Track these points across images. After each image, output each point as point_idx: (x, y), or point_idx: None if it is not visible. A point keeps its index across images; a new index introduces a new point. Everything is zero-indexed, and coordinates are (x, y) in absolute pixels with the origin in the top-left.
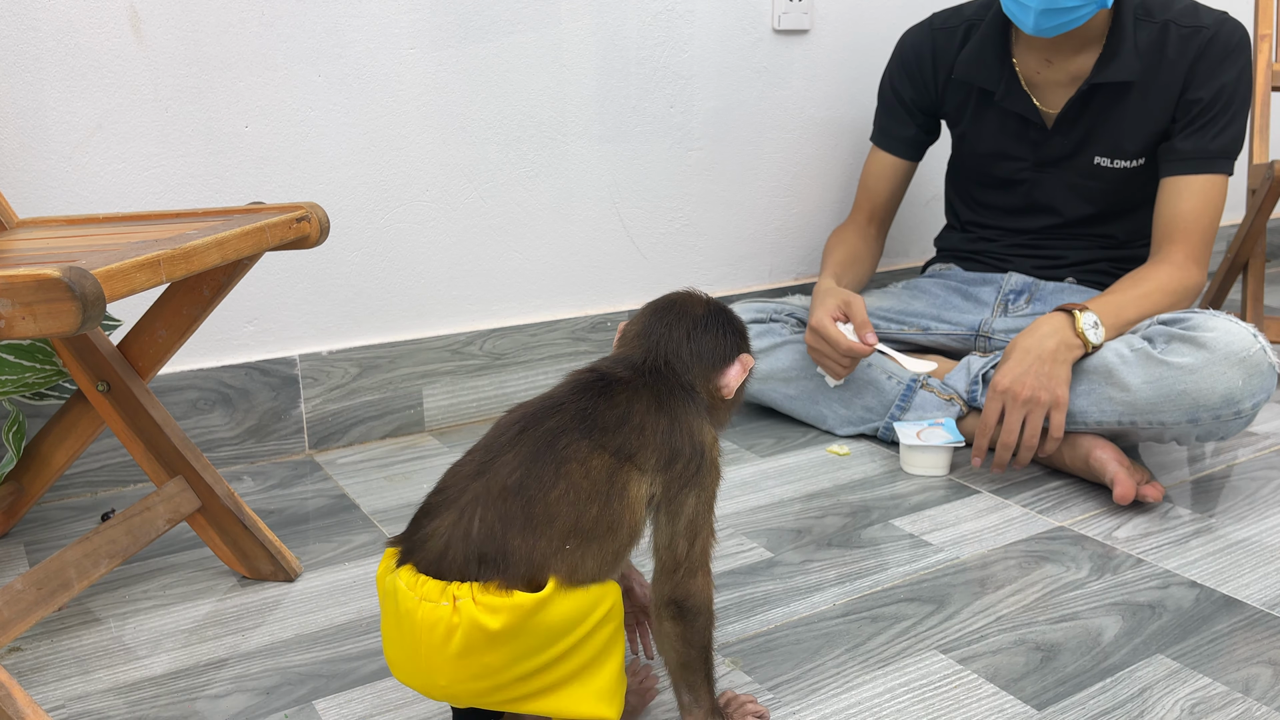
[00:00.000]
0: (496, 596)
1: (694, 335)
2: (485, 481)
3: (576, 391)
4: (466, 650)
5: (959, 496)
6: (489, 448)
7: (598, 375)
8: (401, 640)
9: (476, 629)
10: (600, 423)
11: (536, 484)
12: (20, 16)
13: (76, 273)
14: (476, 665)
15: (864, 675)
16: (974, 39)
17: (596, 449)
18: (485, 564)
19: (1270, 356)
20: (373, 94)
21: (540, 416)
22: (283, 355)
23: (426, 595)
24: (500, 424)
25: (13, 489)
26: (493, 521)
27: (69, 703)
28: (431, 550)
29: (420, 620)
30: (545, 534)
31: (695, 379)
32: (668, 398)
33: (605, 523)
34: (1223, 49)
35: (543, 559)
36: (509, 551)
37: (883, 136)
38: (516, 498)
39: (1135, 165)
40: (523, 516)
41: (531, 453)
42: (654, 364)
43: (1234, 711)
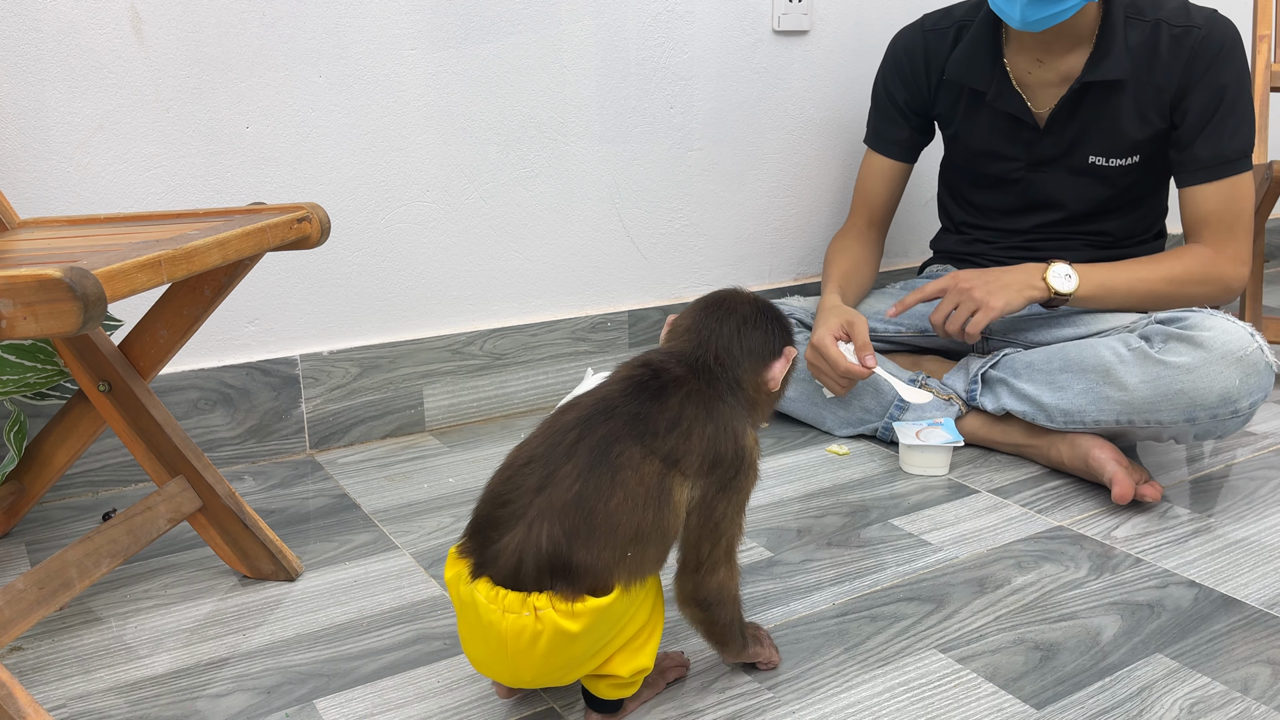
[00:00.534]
0: (572, 604)
1: (743, 331)
2: (548, 495)
3: (629, 393)
4: (551, 651)
5: (958, 496)
6: (548, 458)
7: (651, 372)
8: (485, 644)
9: (559, 633)
10: (651, 427)
11: (595, 494)
12: (21, 17)
13: (78, 273)
14: (559, 660)
15: (863, 674)
16: (965, 40)
17: (648, 455)
18: (556, 575)
19: (1267, 355)
20: (373, 94)
21: (594, 422)
22: (284, 355)
23: (509, 608)
24: (555, 428)
25: (14, 488)
26: (559, 536)
27: (70, 702)
28: (505, 565)
29: (506, 630)
30: (609, 544)
31: (744, 374)
32: (715, 399)
33: (659, 529)
34: (1217, 48)
35: (606, 568)
36: (575, 564)
37: (877, 139)
38: (578, 510)
39: (1130, 163)
40: (586, 528)
41: (588, 463)
42: (705, 360)
43: (1233, 711)
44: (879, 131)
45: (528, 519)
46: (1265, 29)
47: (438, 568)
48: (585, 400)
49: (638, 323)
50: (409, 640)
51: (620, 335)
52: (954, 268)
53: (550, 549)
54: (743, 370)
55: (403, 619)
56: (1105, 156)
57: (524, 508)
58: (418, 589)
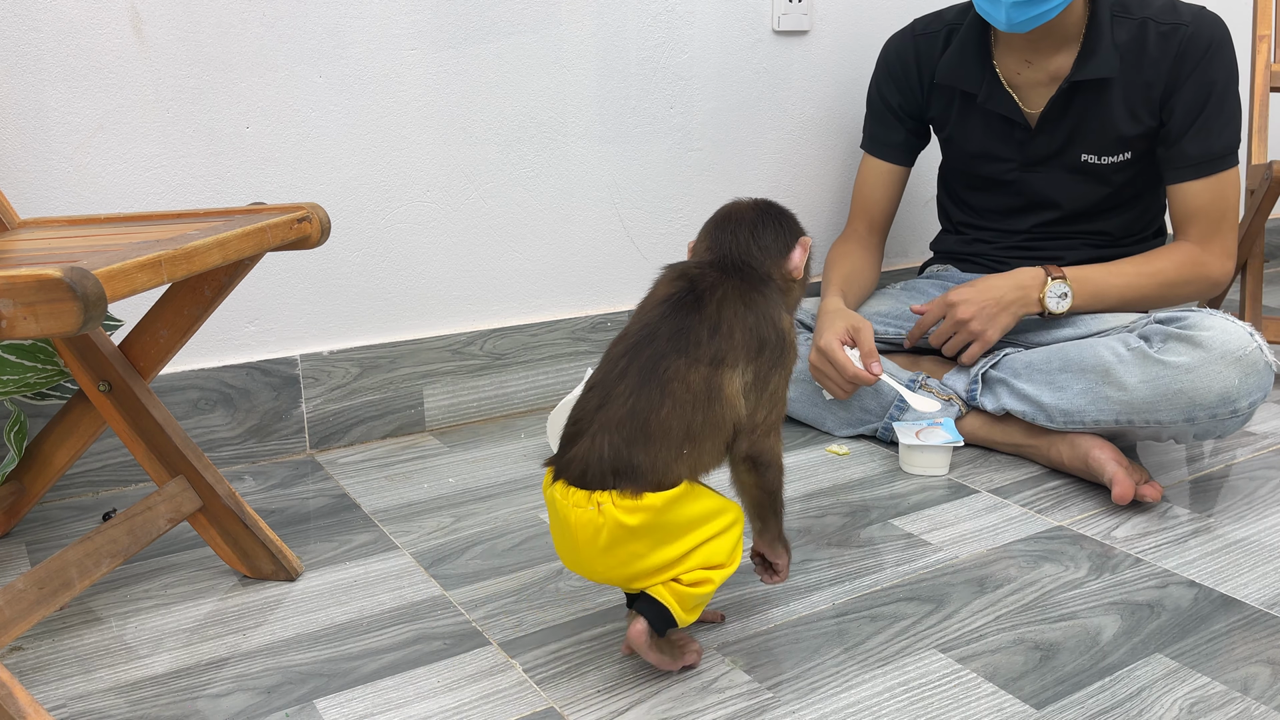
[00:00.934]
0: (631, 500)
1: (756, 234)
2: (606, 412)
3: (668, 314)
4: (612, 544)
5: (958, 496)
6: (604, 382)
7: (688, 285)
8: (564, 539)
9: (618, 526)
10: (693, 339)
11: (647, 406)
12: (21, 17)
13: (78, 273)
14: (622, 554)
15: (863, 674)
16: (954, 42)
17: (693, 364)
18: (619, 476)
19: (1267, 355)
20: (374, 95)
21: (640, 348)
22: (284, 355)
23: (577, 503)
24: (610, 357)
25: (14, 488)
26: (618, 443)
27: (70, 702)
28: (575, 470)
29: (574, 522)
30: (663, 445)
31: (770, 269)
32: (750, 293)
33: (711, 423)
34: (1204, 45)
35: (665, 465)
36: (635, 465)
37: (874, 144)
38: (632, 421)
39: (1122, 160)
40: (642, 435)
41: (638, 381)
42: (733, 264)
43: (1232, 710)
44: (875, 136)
45: (590, 432)
46: (1265, 29)
47: (438, 567)
48: (632, 328)
49: None
50: (409, 640)
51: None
52: (955, 269)
53: (611, 455)
54: (766, 267)
55: (403, 619)
56: (1097, 154)
57: (588, 424)
58: (418, 589)
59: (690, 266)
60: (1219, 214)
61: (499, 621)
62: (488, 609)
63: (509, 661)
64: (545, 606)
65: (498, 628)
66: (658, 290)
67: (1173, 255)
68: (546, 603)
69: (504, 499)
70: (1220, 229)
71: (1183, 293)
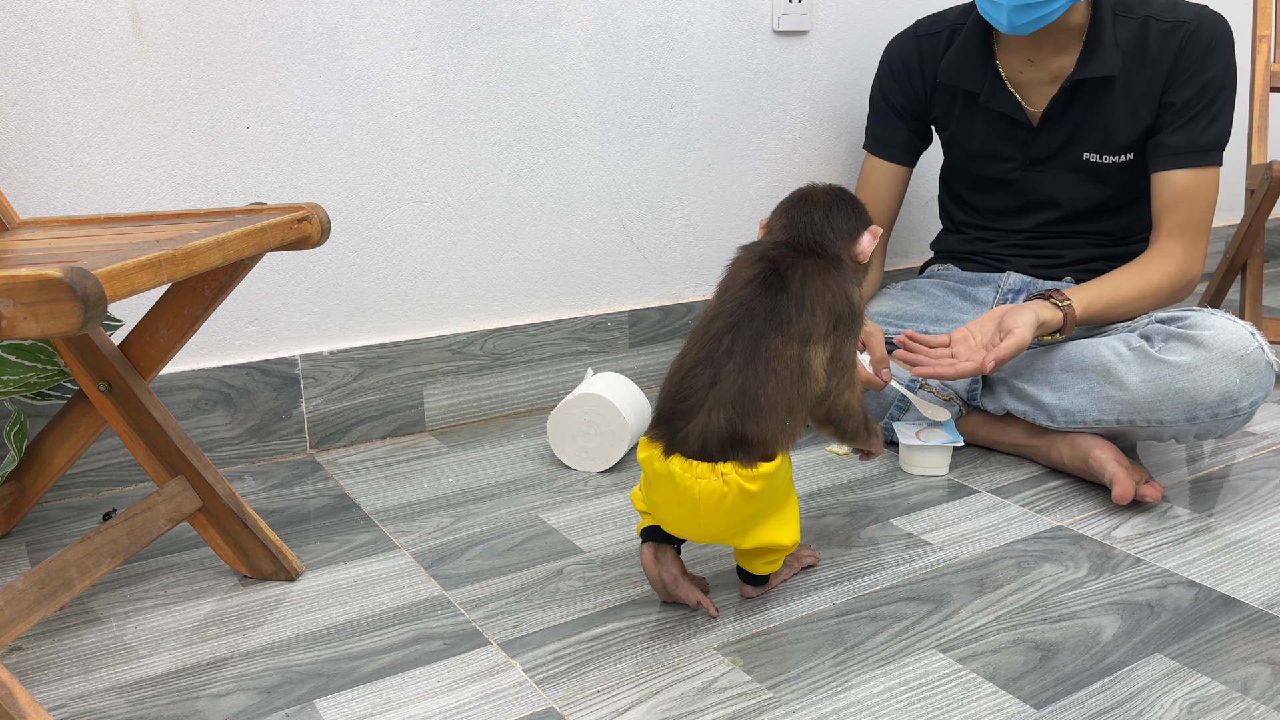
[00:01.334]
0: (750, 469)
1: (830, 216)
2: (719, 388)
3: (759, 293)
4: (734, 508)
5: (958, 496)
6: (712, 360)
7: (770, 266)
8: (680, 507)
9: (742, 492)
10: (785, 316)
11: (756, 382)
12: (21, 17)
13: (78, 273)
14: (739, 516)
15: (863, 674)
16: (957, 42)
17: (788, 341)
18: (735, 447)
19: (1268, 355)
20: (374, 95)
21: (741, 326)
22: (284, 355)
23: (701, 475)
24: (709, 335)
25: (14, 489)
26: (733, 418)
27: (70, 702)
28: (693, 445)
29: (699, 492)
30: (771, 418)
31: (841, 250)
32: (826, 271)
33: (804, 398)
34: (1205, 43)
35: (772, 437)
36: (748, 437)
37: (876, 144)
38: (744, 397)
39: (1124, 160)
40: (753, 410)
41: (745, 359)
42: (808, 244)
43: (1232, 710)
44: (878, 136)
45: (706, 408)
46: (1265, 29)
47: (438, 567)
48: (725, 308)
49: (638, 323)
50: (409, 640)
51: (620, 335)
52: (956, 269)
53: (728, 428)
54: (838, 248)
55: (403, 619)
56: (1099, 153)
57: (701, 400)
58: (418, 589)
59: (768, 248)
60: (1197, 212)
61: (499, 621)
62: (488, 609)
63: (509, 661)
64: (545, 606)
65: (498, 628)
66: (740, 271)
67: (1163, 268)
68: (546, 603)
69: (504, 499)
70: (1198, 228)
71: (1169, 301)
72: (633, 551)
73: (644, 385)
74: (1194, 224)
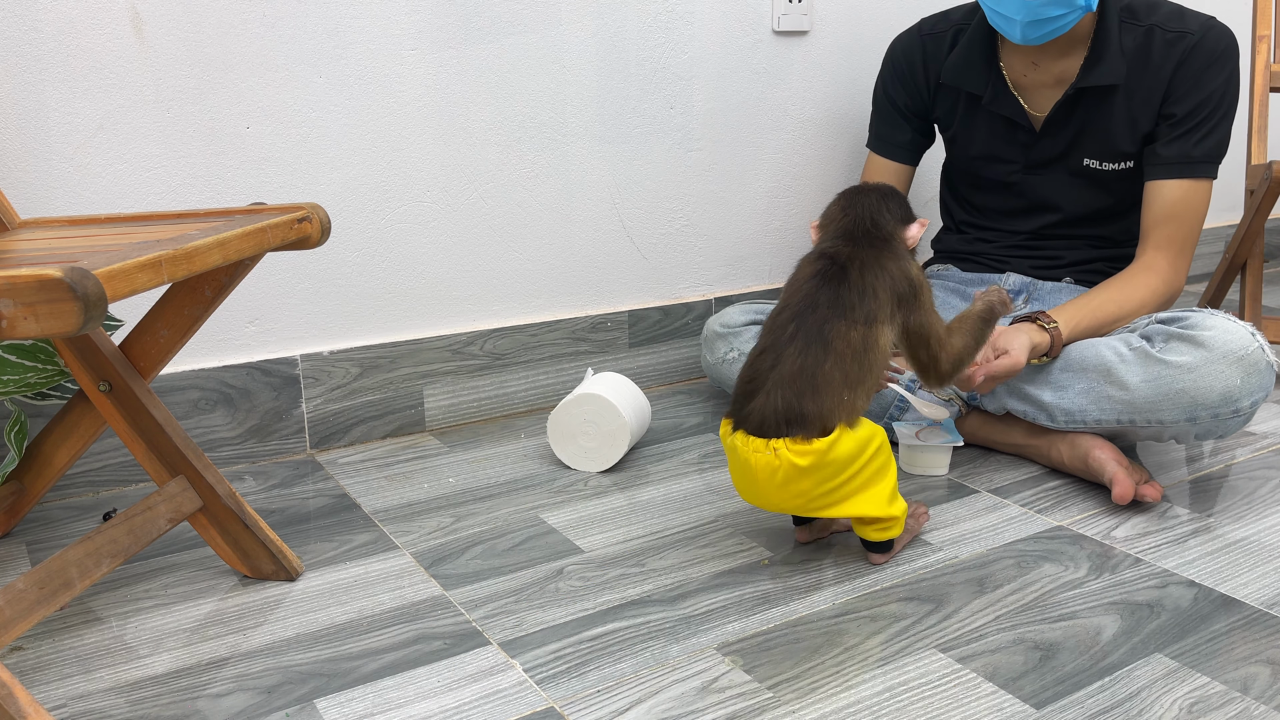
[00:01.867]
0: (802, 444)
1: (884, 204)
2: (779, 370)
3: (821, 286)
4: (786, 481)
5: (958, 496)
6: (775, 345)
7: (829, 261)
8: (744, 478)
9: (792, 467)
10: (848, 302)
11: (814, 363)
12: (22, 17)
13: (78, 273)
14: (794, 490)
15: (863, 674)
16: (961, 44)
17: (852, 325)
18: (791, 424)
19: (1268, 355)
20: (374, 95)
21: (805, 315)
22: (284, 355)
23: (756, 449)
24: (776, 325)
25: (15, 488)
26: (790, 396)
27: (70, 701)
28: (753, 421)
29: (755, 465)
30: (827, 394)
31: (894, 231)
32: (881, 256)
33: (863, 370)
34: (1207, 55)
35: (829, 412)
36: (805, 413)
37: (879, 143)
38: (801, 376)
39: (1124, 168)
40: (810, 388)
41: (805, 343)
42: (864, 226)
43: (1232, 710)
44: (881, 135)
45: (766, 388)
46: (1265, 29)
47: (438, 567)
48: (791, 300)
49: (638, 323)
50: (409, 640)
51: (620, 335)
52: (955, 269)
53: (784, 406)
54: (892, 229)
55: (403, 619)
56: (1100, 160)
57: (764, 381)
58: (418, 589)
59: (825, 247)
60: (1186, 225)
61: (499, 621)
62: (488, 609)
63: (509, 661)
64: (545, 606)
65: (498, 628)
66: (803, 269)
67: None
68: (546, 603)
69: (504, 499)
70: (1184, 244)
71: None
72: (633, 551)
73: (644, 385)
74: (1181, 239)
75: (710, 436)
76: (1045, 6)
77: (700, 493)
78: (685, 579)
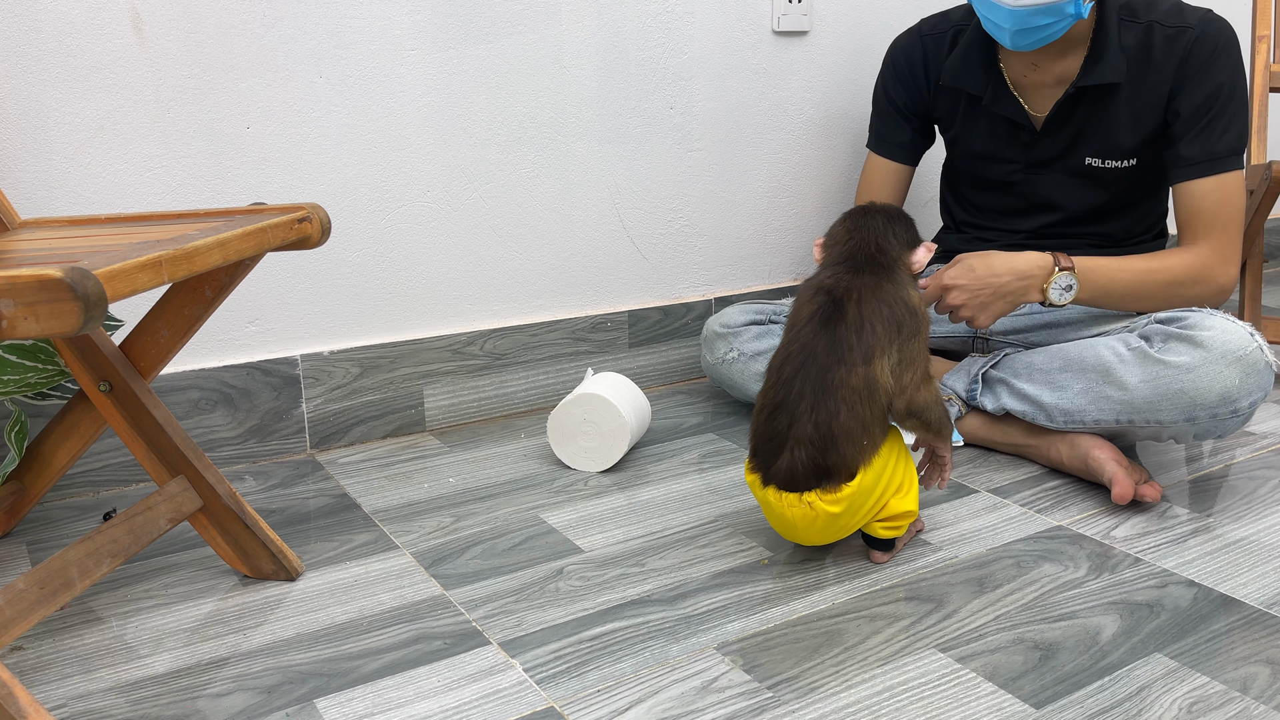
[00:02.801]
0: (832, 494)
1: (890, 227)
2: (797, 429)
3: (820, 329)
4: (825, 527)
5: (957, 496)
6: (786, 404)
7: (827, 296)
8: (782, 526)
9: (828, 515)
10: (846, 345)
11: (827, 418)
12: (22, 18)
13: (78, 273)
14: (834, 528)
15: (863, 674)
16: (960, 44)
17: (851, 369)
18: (819, 477)
19: (1267, 355)
20: (374, 95)
21: (806, 364)
22: (284, 355)
23: (791, 504)
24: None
25: (15, 488)
26: (813, 453)
27: (71, 701)
28: (782, 477)
29: (793, 518)
30: (846, 445)
31: (898, 256)
32: (881, 284)
33: (874, 410)
34: (1210, 48)
35: (853, 460)
36: (830, 466)
37: (880, 143)
38: (818, 433)
39: (1127, 165)
40: (829, 442)
41: (814, 399)
42: (867, 252)
43: (1232, 710)
44: (881, 135)
45: (789, 446)
46: (1264, 29)
47: (438, 567)
48: (792, 349)
49: (638, 323)
50: (409, 640)
51: (620, 335)
52: None
53: (809, 461)
54: (897, 253)
55: (403, 619)
56: (1101, 158)
57: (784, 440)
58: (418, 589)
59: (824, 277)
60: (1223, 215)
61: (499, 621)
62: (488, 609)
63: (509, 661)
64: (545, 606)
65: (498, 628)
66: (801, 308)
67: (1181, 256)
68: (546, 603)
69: (504, 499)
70: (1225, 231)
71: (1187, 294)
72: (633, 551)
73: (644, 385)
74: (1221, 223)
75: (710, 436)
76: (1033, 15)
77: (700, 493)
78: (685, 579)
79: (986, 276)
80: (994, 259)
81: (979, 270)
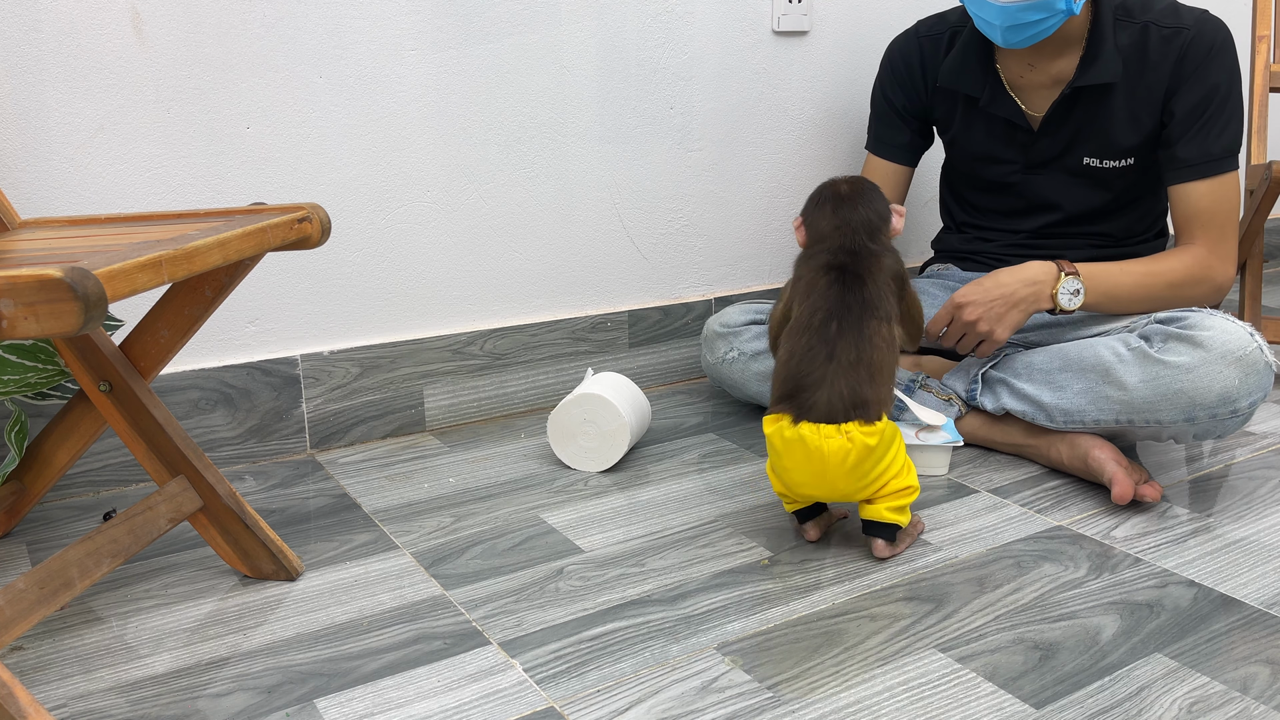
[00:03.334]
0: (868, 426)
1: (870, 209)
2: (838, 361)
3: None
4: (858, 463)
5: (957, 496)
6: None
7: (841, 272)
8: (811, 468)
9: (865, 448)
10: (871, 301)
11: (869, 352)
12: (22, 18)
13: (79, 273)
14: (860, 471)
15: (863, 674)
16: (957, 46)
17: (880, 321)
18: (856, 408)
19: (1267, 355)
20: (374, 95)
21: (841, 312)
22: (284, 355)
23: (828, 435)
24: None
25: (15, 488)
26: (853, 383)
27: (71, 701)
28: (819, 410)
29: (828, 450)
30: (881, 381)
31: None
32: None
33: (894, 362)
34: (1206, 49)
35: (884, 399)
36: (868, 399)
37: (879, 144)
38: (860, 364)
39: (1124, 165)
40: (869, 376)
41: (855, 337)
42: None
43: (1232, 710)
44: (879, 136)
45: (829, 379)
46: (1264, 29)
47: (438, 567)
48: (821, 304)
49: (638, 323)
50: (409, 640)
51: (620, 335)
52: (956, 268)
53: (849, 392)
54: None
55: (403, 619)
56: (1100, 158)
57: (823, 374)
58: (418, 589)
59: (829, 259)
60: (1220, 216)
61: (499, 621)
62: (488, 609)
63: (509, 661)
64: (545, 606)
65: (498, 628)
66: (817, 280)
67: (1181, 257)
68: (546, 603)
69: (504, 499)
70: (1222, 232)
71: (1189, 294)
72: (633, 551)
73: (644, 385)
74: (1218, 224)
75: (710, 436)
76: (1023, 12)
77: (700, 493)
78: (685, 579)
79: (996, 288)
80: (999, 273)
81: (987, 284)
